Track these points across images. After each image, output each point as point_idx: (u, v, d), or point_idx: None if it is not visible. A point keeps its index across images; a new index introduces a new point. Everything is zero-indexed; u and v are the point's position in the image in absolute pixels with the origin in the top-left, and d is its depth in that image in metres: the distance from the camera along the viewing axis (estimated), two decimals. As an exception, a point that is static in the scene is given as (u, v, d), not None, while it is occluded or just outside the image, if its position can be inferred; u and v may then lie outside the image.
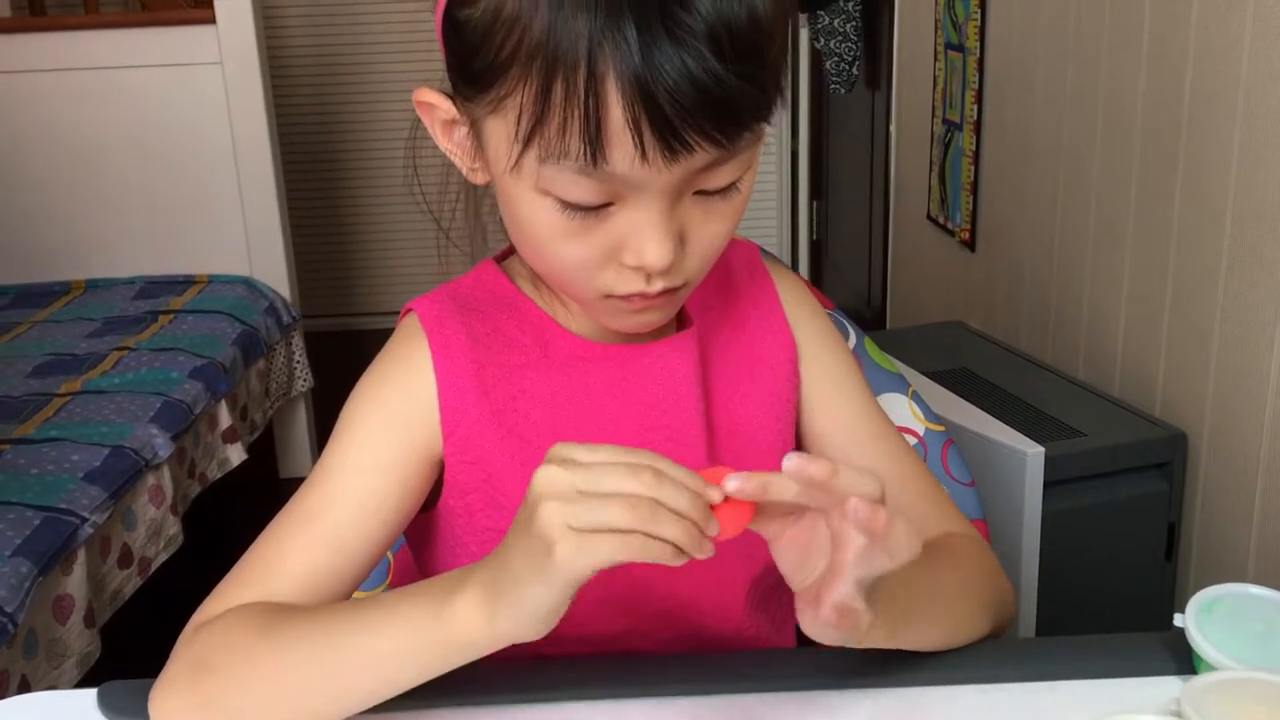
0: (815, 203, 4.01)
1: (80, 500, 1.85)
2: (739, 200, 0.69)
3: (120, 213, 2.99)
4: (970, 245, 2.51)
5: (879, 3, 3.11)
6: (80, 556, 1.81)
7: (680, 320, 0.82)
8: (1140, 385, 1.81)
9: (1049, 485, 1.57)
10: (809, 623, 0.64)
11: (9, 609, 1.57)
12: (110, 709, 0.74)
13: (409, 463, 0.76)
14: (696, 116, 0.61)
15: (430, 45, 0.72)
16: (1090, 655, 0.77)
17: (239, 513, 2.65)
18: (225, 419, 2.50)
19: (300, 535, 0.74)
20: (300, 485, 0.77)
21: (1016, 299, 2.28)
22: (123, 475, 1.98)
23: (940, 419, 1.06)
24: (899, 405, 1.03)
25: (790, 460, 0.60)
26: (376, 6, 4.06)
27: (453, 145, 0.73)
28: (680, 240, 0.68)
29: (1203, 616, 0.73)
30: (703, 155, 0.63)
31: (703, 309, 0.82)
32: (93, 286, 2.98)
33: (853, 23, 3.18)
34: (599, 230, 0.67)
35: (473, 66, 0.65)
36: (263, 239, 3.01)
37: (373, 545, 0.75)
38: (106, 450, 2.01)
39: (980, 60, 2.40)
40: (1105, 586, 1.72)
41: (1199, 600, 0.74)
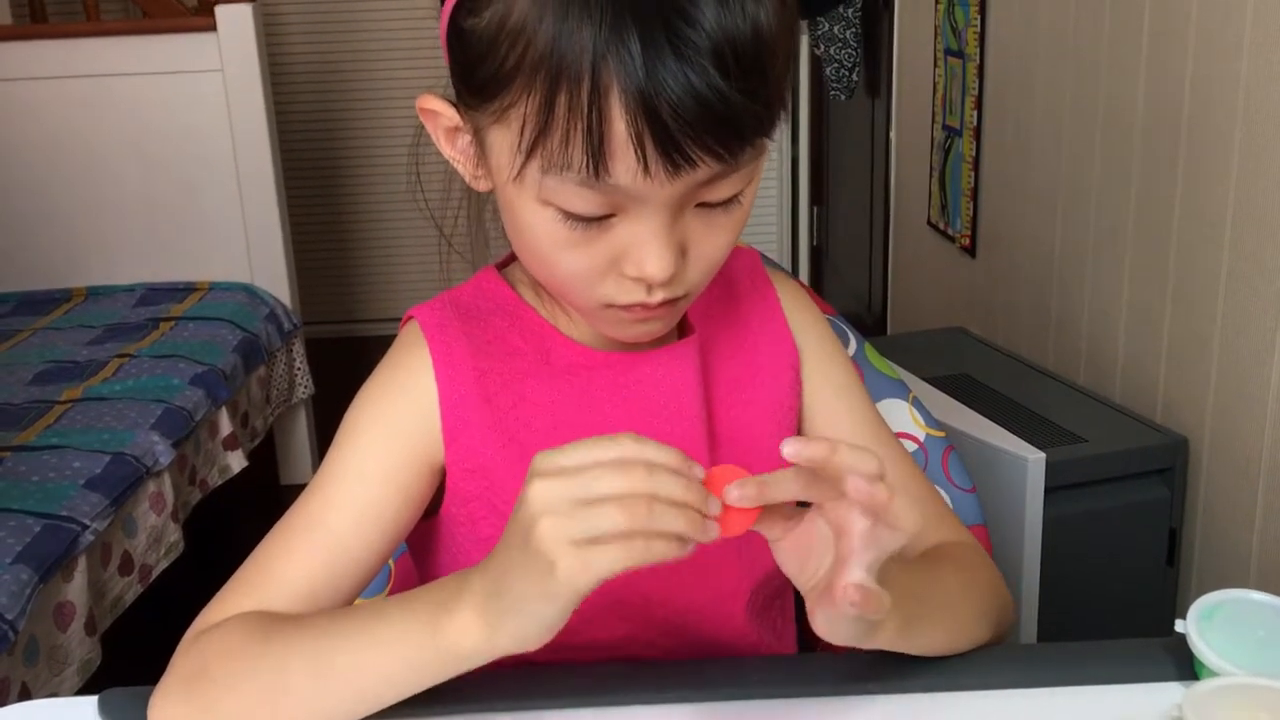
0: (816, 209, 4.02)
1: (81, 507, 1.85)
2: (740, 213, 0.69)
3: (121, 220, 3.00)
4: (970, 251, 2.51)
5: (879, 9, 3.12)
6: (81, 564, 1.81)
7: (682, 328, 0.82)
8: (1141, 391, 1.81)
9: (1050, 491, 1.57)
10: (823, 619, 0.63)
11: (10, 616, 1.57)
12: (111, 716, 0.74)
13: (410, 470, 0.76)
14: (699, 131, 0.61)
15: (431, 53, 0.72)
16: (1092, 661, 0.77)
17: (239, 520, 2.66)
18: (226, 426, 2.50)
19: (300, 543, 0.74)
20: (301, 492, 0.77)
21: (1017, 304, 2.29)
22: (123, 482, 1.98)
23: (941, 425, 1.06)
24: (900, 411, 1.03)
25: (789, 444, 0.60)
26: (377, 14, 4.07)
27: (456, 152, 0.73)
28: (681, 252, 0.68)
29: (1204, 622, 0.73)
30: (705, 169, 0.63)
31: (704, 317, 0.82)
32: (94, 294, 2.98)
33: (852, 29, 3.18)
34: (600, 241, 0.67)
35: (477, 76, 0.65)
36: (263, 246, 3.01)
37: (373, 553, 0.75)
38: (107, 457, 2.01)
39: (980, 66, 2.40)
40: (1107, 592, 1.72)
41: (1200, 606, 0.74)
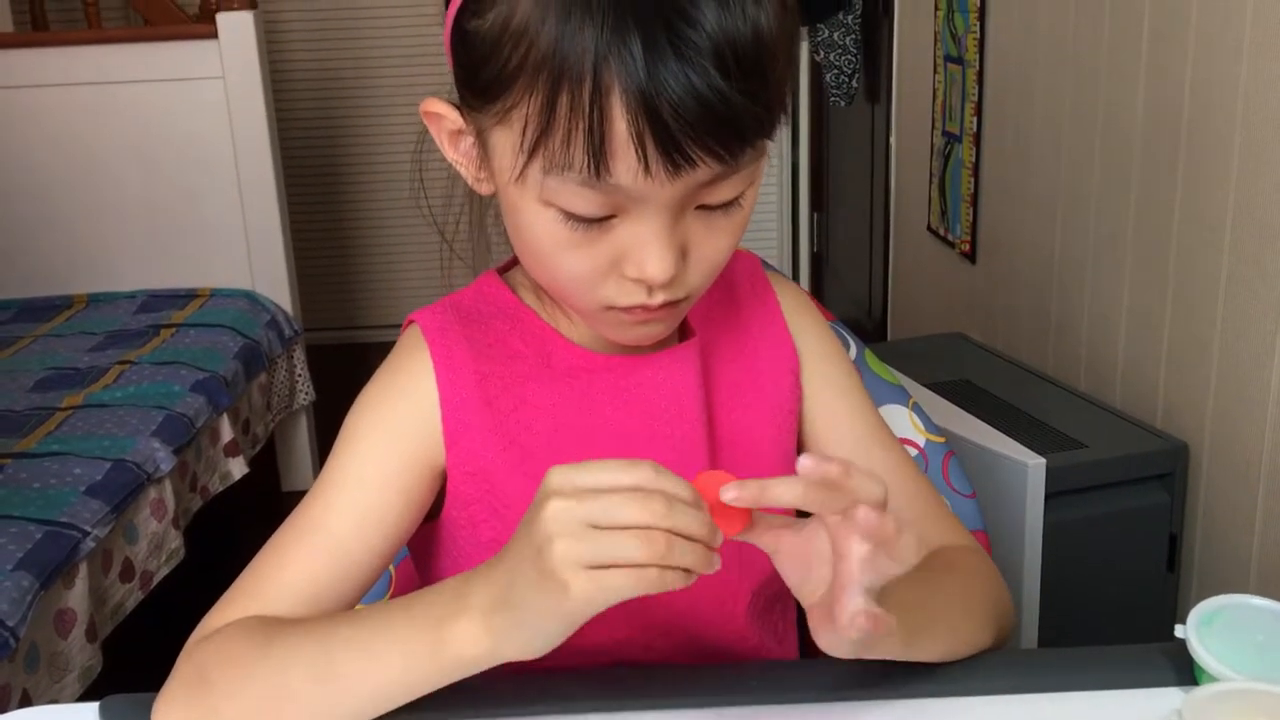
0: (816, 215, 4.02)
1: (82, 514, 1.85)
2: (741, 215, 0.70)
3: (122, 226, 3.00)
4: (970, 257, 2.52)
5: (879, 16, 3.12)
6: (82, 570, 1.81)
7: (682, 331, 0.82)
8: (1141, 396, 1.81)
9: (1050, 497, 1.57)
10: (827, 639, 0.64)
11: (10, 623, 1.57)
12: (112, 723, 0.74)
13: (411, 474, 0.76)
14: (700, 132, 0.62)
15: (432, 59, 0.73)
16: (1092, 666, 0.77)
17: (240, 527, 2.66)
18: (227, 432, 2.50)
19: (302, 548, 0.74)
20: (302, 499, 0.77)
21: (1017, 310, 2.29)
22: (124, 489, 1.98)
23: (941, 430, 1.06)
24: (900, 417, 1.03)
25: (805, 460, 0.61)
26: (378, 21, 4.08)
27: (459, 155, 0.74)
28: (682, 254, 0.68)
29: (1204, 628, 0.73)
30: (705, 170, 0.64)
31: (705, 320, 0.83)
32: (95, 300, 2.99)
33: (852, 35, 3.19)
34: (601, 242, 0.67)
35: (480, 77, 0.66)
36: (264, 252, 3.01)
37: (375, 557, 0.75)
38: (108, 464, 2.01)
39: (980, 73, 2.41)
40: (1107, 597, 1.71)
41: (1200, 611, 0.74)
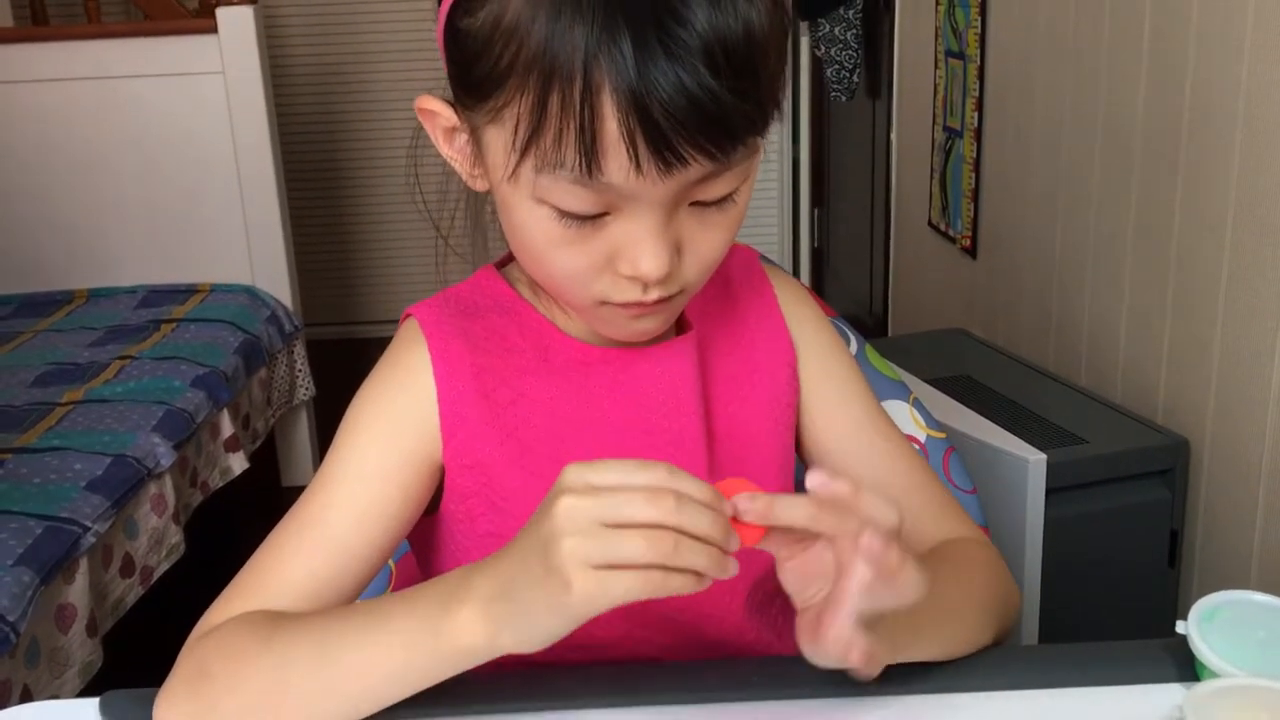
0: (816, 210, 4.02)
1: (82, 509, 1.85)
2: (736, 212, 0.70)
3: (122, 222, 3.00)
4: (971, 252, 2.51)
5: (879, 10, 3.12)
6: (82, 566, 1.81)
7: (679, 325, 0.82)
8: (1142, 392, 1.81)
9: (1051, 492, 1.57)
10: (809, 648, 0.64)
11: (11, 618, 1.57)
12: (113, 718, 0.74)
13: (410, 467, 0.76)
14: (691, 130, 0.62)
15: (432, 54, 0.73)
16: (1093, 662, 0.77)
17: (241, 522, 2.66)
18: (227, 428, 2.50)
19: (302, 542, 0.74)
20: (302, 493, 0.77)
21: (1018, 306, 2.29)
22: (125, 484, 1.98)
23: (942, 426, 1.06)
24: (900, 412, 1.03)
25: (814, 476, 0.61)
26: (378, 16, 4.07)
27: (454, 152, 0.74)
28: (677, 250, 0.68)
29: (1205, 623, 0.73)
30: (697, 168, 0.64)
31: (702, 314, 0.83)
32: (95, 296, 2.98)
33: (853, 30, 3.18)
34: (595, 239, 0.67)
35: (472, 75, 0.66)
36: (265, 248, 3.01)
37: (374, 551, 0.75)
38: (108, 459, 2.01)
39: (981, 68, 2.40)
40: (1108, 594, 1.71)
41: (1201, 607, 0.74)
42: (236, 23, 2.86)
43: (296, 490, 0.77)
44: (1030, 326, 2.22)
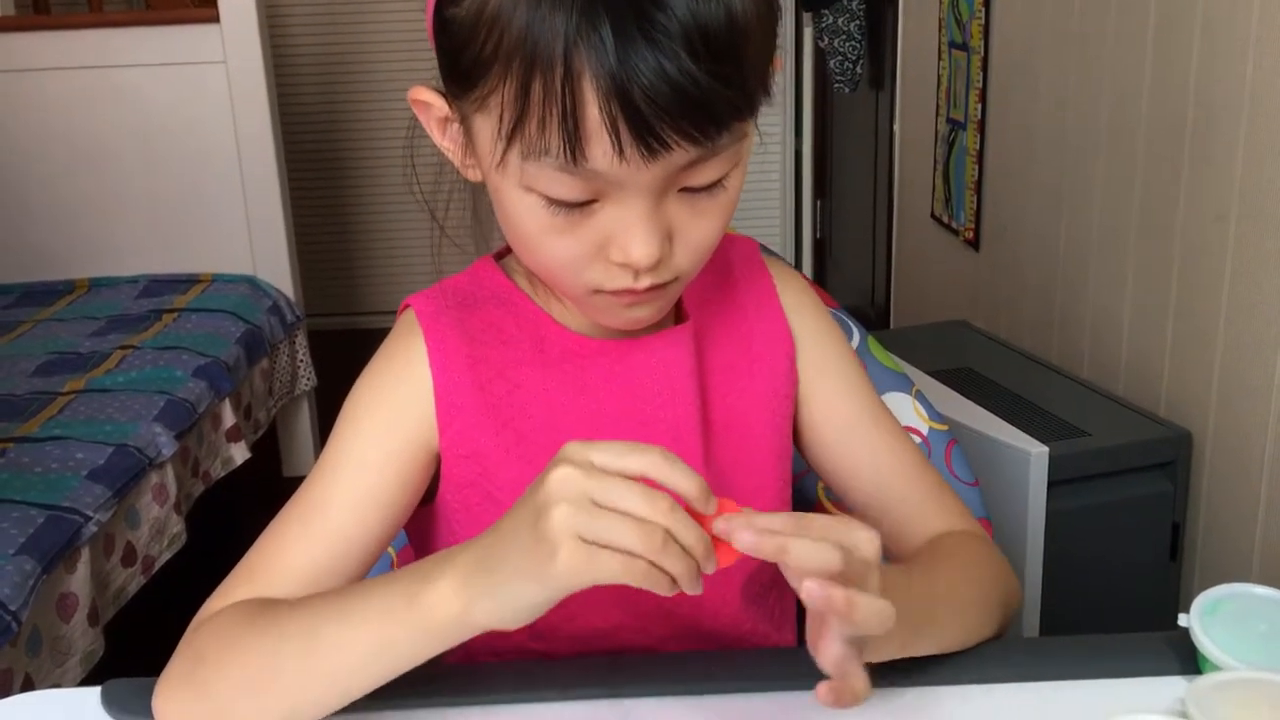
0: (819, 201, 4.01)
1: (84, 499, 1.85)
2: (726, 198, 0.69)
3: (124, 211, 3.00)
4: (974, 244, 2.51)
5: (883, 2, 3.11)
6: (84, 555, 1.81)
7: (677, 314, 0.82)
8: (1145, 385, 1.81)
9: (1053, 485, 1.57)
10: (814, 654, 0.65)
11: (13, 607, 1.57)
12: (114, 707, 0.74)
13: (407, 457, 0.76)
14: (673, 115, 0.61)
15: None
16: (1094, 655, 0.77)
17: (242, 511, 2.66)
18: (229, 418, 2.50)
19: (300, 532, 0.75)
20: (302, 483, 0.77)
21: (1020, 298, 2.28)
22: (126, 474, 1.98)
23: (944, 418, 1.05)
24: (903, 404, 1.03)
25: (744, 535, 0.60)
26: (380, 6, 4.06)
27: (447, 142, 0.74)
28: (668, 237, 0.68)
29: (1207, 617, 0.73)
30: (682, 153, 0.64)
31: (700, 304, 0.83)
32: (97, 285, 2.98)
33: (857, 21, 3.18)
34: (585, 226, 0.67)
35: (459, 64, 0.66)
36: (266, 238, 3.01)
37: (373, 540, 0.75)
38: (110, 449, 2.01)
39: (984, 59, 2.40)
40: (1109, 586, 1.71)
41: (1203, 600, 0.74)
42: (238, 12, 2.85)
43: (298, 480, 0.77)
44: (1033, 319, 2.22)
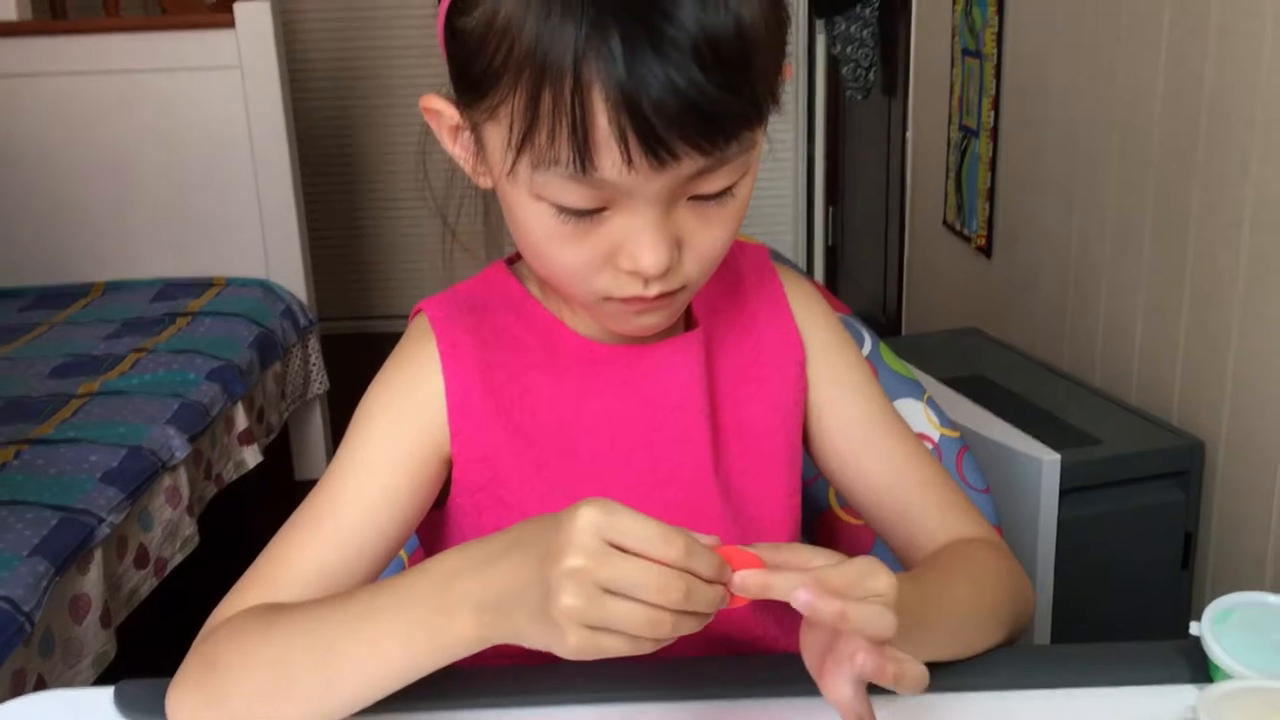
0: (831, 208, 4.01)
1: (97, 501, 1.86)
2: (736, 206, 0.70)
3: (139, 215, 3.01)
4: (986, 252, 2.51)
5: (896, 8, 3.11)
6: (97, 557, 1.82)
7: (687, 321, 0.82)
8: (1157, 393, 1.80)
9: (1064, 493, 1.56)
10: (817, 680, 0.67)
11: (26, 608, 1.58)
12: (127, 707, 0.74)
13: (419, 461, 0.77)
14: (682, 126, 0.62)
15: (447, 51, 0.74)
16: (1106, 663, 0.77)
17: (254, 514, 2.66)
18: (242, 421, 2.51)
19: (312, 536, 0.75)
20: (314, 486, 0.77)
21: (1033, 306, 2.28)
22: (140, 476, 1.99)
23: (956, 425, 1.05)
24: (914, 411, 1.02)
25: (802, 592, 0.61)
26: (394, 12, 4.07)
27: (458, 150, 0.75)
28: (677, 245, 0.68)
29: (1219, 625, 0.72)
30: (690, 163, 0.64)
31: (711, 310, 0.83)
32: (112, 288, 3.00)
33: (869, 28, 3.18)
34: (595, 234, 0.68)
35: (470, 74, 0.67)
36: (280, 242, 3.02)
37: (385, 543, 0.76)
38: (124, 451, 2.02)
39: (997, 66, 2.40)
40: (1121, 594, 1.71)
41: (1215, 609, 0.74)
42: (254, 18, 2.86)
43: (310, 484, 0.77)
44: (1045, 326, 2.22)
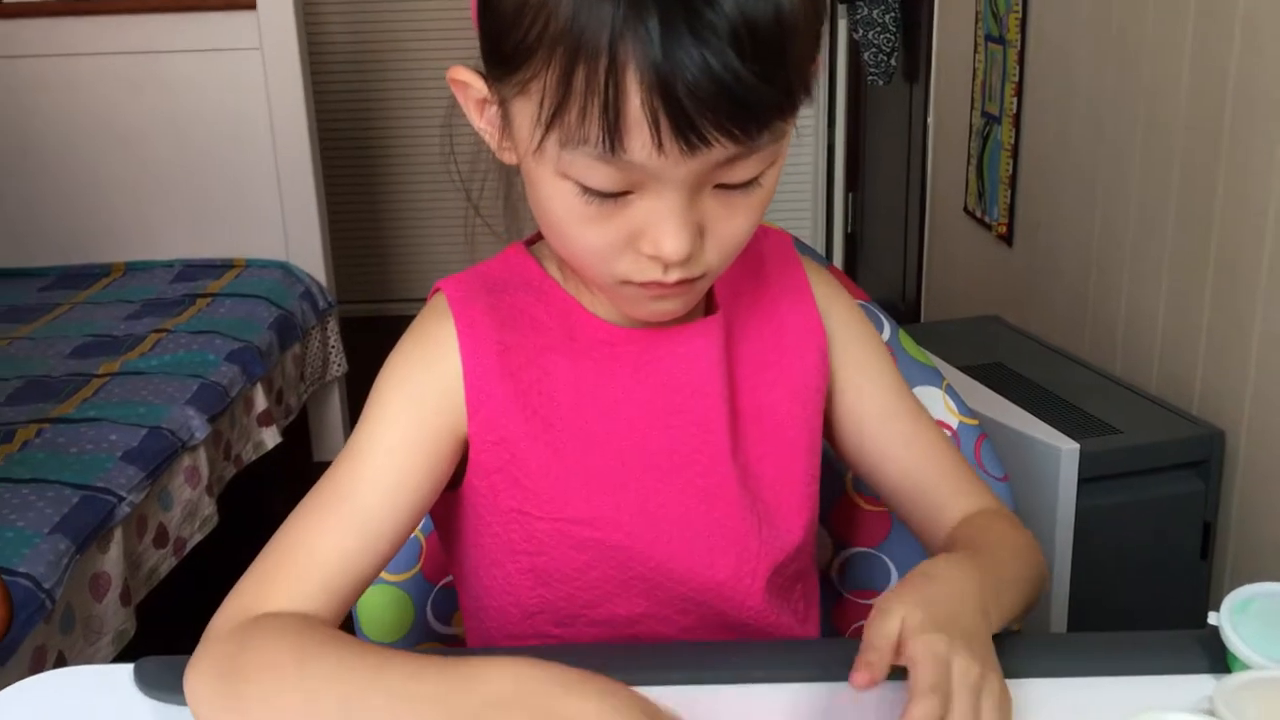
0: (851, 195, 3.99)
1: (118, 480, 1.87)
2: (761, 195, 0.69)
3: (160, 196, 3.02)
4: (1007, 239, 2.49)
5: (919, -6, 3.09)
6: (117, 535, 1.83)
7: (708, 305, 0.82)
8: (1178, 382, 1.79)
9: (1083, 482, 1.56)
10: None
11: (47, 585, 1.59)
12: (147, 684, 0.74)
13: (435, 442, 0.76)
14: (715, 112, 0.61)
15: (468, 32, 0.73)
16: (1123, 652, 0.77)
17: (273, 496, 2.68)
18: (261, 402, 2.52)
19: (330, 516, 0.75)
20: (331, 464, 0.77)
21: (1053, 294, 2.27)
22: (159, 456, 2.00)
23: (974, 413, 1.05)
24: (933, 398, 1.02)
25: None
26: (415, -7, 4.07)
27: (484, 124, 0.74)
28: (699, 232, 0.68)
29: (1237, 615, 0.72)
30: (721, 150, 0.63)
31: (733, 295, 0.82)
32: (132, 269, 3.01)
33: (891, 14, 3.16)
34: (618, 217, 0.67)
35: (502, 48, 0.66)
36: (300, 224, 3.03)
37: (401, 522, 0.76)
38: (144, 431, 2.03)
39: (1021, 53, 2.38)
40: (1139, 584, 1.70)
41: (1233, 599, 0.73)
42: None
43: (327, 466, 0.77)
44: (1065, 315, 2.21)
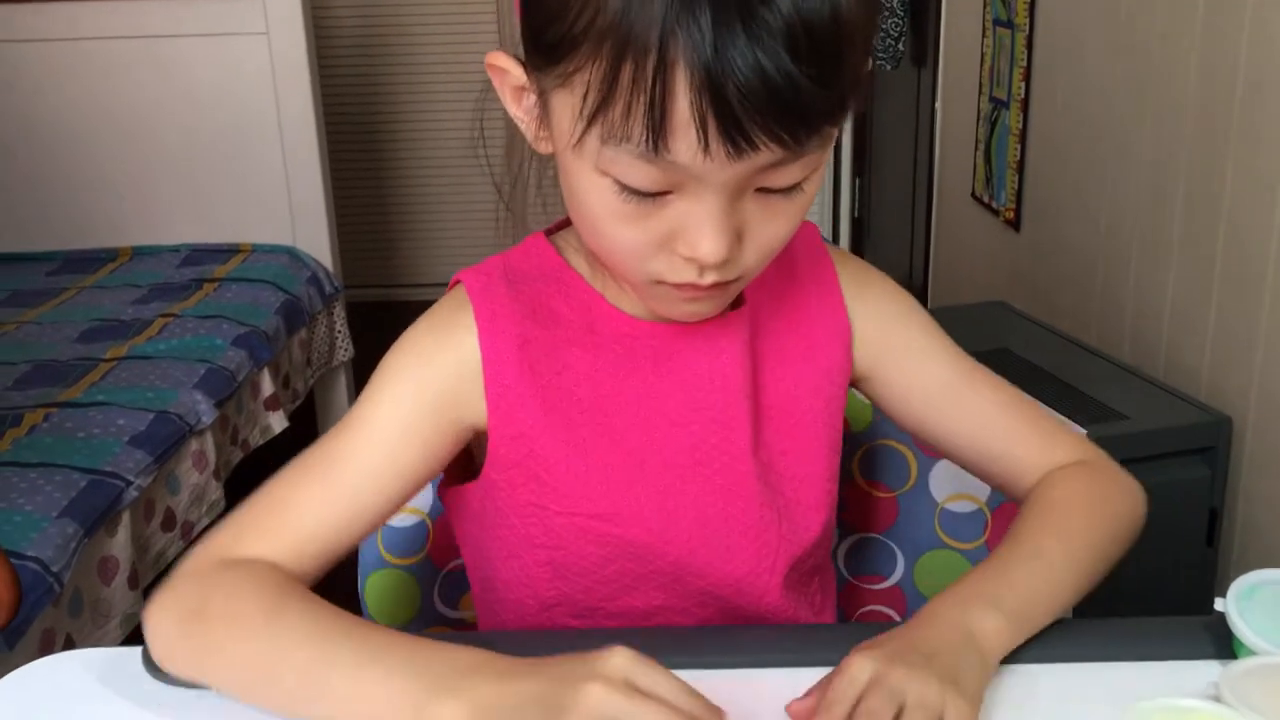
0: (858, 179, 3.98)
1: (125, 464, 1.88)
2: (802, 200, 0.68)
3: (166, 181, 3.02)
4: (1015, 225, 2.49)
5: (927, -22, 3.08)
6: (125, 519, 1.84)
7: (734, 300, 0.80)
8: (1185, 369, 1.79)
9: (1090, 468, 1.55)
10: None
11: (55, 568, 1.60)
12: (154, 667, 0.75)
13: (435, 426, 0.76)
14: (765, 115, 0.60)
15: (478, 17, 0.72)
16: (1129, 638, 0.77)
17: (280, 480, 2.68)
18: (267, 387, 2.52)
19: (316, 483, 0.75)
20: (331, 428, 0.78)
21: (1061, 280, 2.26)
22: (167, 440, 2.01)
23: (981, 398, 1.04)
24: (940, 384, 1.02)
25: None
26: (421, -23, 4.06)
27: (521, 112, 0.72)
28: (737, 236, 0.67)
29: (1243, 602, 0.72)
30: (767, 154, 0.62)
31: (758, 286, 0.80)
32: (139, 254, 3.01)
33: (900, -2, 3.14)
34: (656, 217, 0.66)
35: (546, 38, 0.64)
36: (306, 209, 3.03)
37: (387, 503, 0.76)
38: (151, 415, 2.04)
39: (1029, 37, 2.37)
40: (1145, 570, 1.70)
41: (1240, 585, 0.73)
42: (281, -17, 2.86)
43: (333, 452, 0.78)
44: (1073, 301, 2.20)
